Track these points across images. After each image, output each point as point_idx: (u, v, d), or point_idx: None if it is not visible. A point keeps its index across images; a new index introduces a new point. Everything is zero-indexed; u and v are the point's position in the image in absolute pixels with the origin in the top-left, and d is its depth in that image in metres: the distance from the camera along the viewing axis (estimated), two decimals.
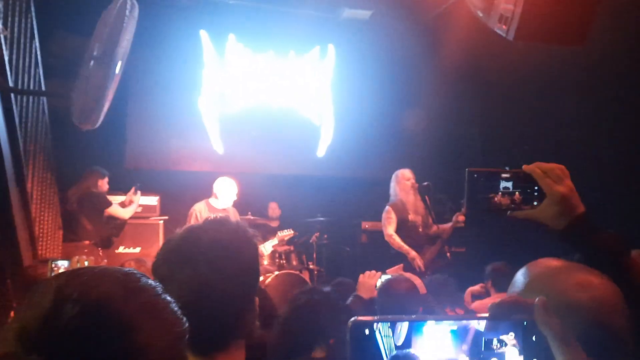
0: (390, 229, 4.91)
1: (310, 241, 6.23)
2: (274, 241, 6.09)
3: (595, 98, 5.49)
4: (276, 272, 5.70)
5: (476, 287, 4.23)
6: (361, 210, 6.71)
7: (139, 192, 5.84)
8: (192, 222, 5.25)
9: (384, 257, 5.32)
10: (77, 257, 1.81)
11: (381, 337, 0.77)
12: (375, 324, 0.75)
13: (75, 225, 5.43)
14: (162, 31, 6.68)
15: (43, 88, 4.44)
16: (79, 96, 3.10)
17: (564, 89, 5.93)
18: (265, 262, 5.94)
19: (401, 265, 3.94)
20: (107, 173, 5.72)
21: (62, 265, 1.81)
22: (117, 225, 5.82)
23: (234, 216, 5.40)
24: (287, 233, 5.89)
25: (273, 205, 6.54)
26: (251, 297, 1.20)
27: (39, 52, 4.26)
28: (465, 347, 0.80)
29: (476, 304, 4.00)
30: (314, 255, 6.14)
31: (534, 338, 0.79)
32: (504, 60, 6.23)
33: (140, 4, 3.54)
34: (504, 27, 4.07)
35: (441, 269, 4.76)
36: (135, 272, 0.79)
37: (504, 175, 1.08)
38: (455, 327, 0.79)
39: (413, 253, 4.77)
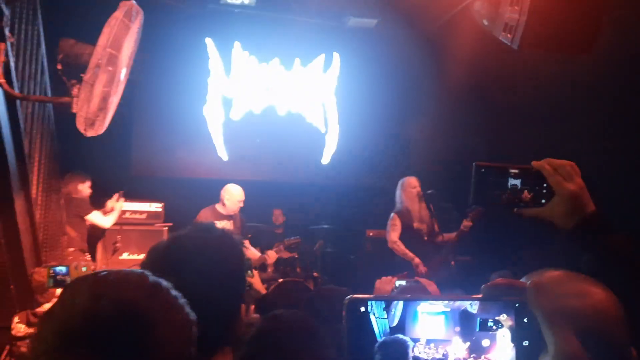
0: (394, 236, 4.90)
1: (315, 249, 6.21)
2: (279, 248, 6.09)
3: (602, 109, 5.46)
4: (280, 280, 5.69)
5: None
6: (365, 218, 6.69)
7: (121, 200, 5.62)
8: None
9: (388, 265, 5.29)
10: (75, 263, 1.81)
11: (376, 318, 0.77)
12: (370, 303, 0.76)
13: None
14: (169, 39, 6.72)
15: (49, 95, 4.46)
16: (83, 103, 3.11)
17: (570, 99, 5.90)
18: (269, 270, 5.94)
19: (405, 273, 3.91)
20: (87, 176, 5.52)
21: (61, 271, 1.80)
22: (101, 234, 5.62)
23: (238, 223, 5.41)
24: (293, 239, 5.84)
25: (277, 212, 6.53)
26: (238, 305, 1.20)
27: (45, 59, 4.29)
28: (458, 328, 0.80)
29: None
30: (318, 263, 6.11)
31: (525, 320, 0.79)
32: (510, 69, 6.23)
33: (147, 11, 3.56)
34: (509, 35, 4.07)
35: (446, 279, 4.73)
36: (148, 273, 0.89)
37: (512, 171, 1.04)
38: (448, 310, 0.80)
39: (417, 260, 4.76)
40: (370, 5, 6.85)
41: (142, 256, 6.01)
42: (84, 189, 5.49)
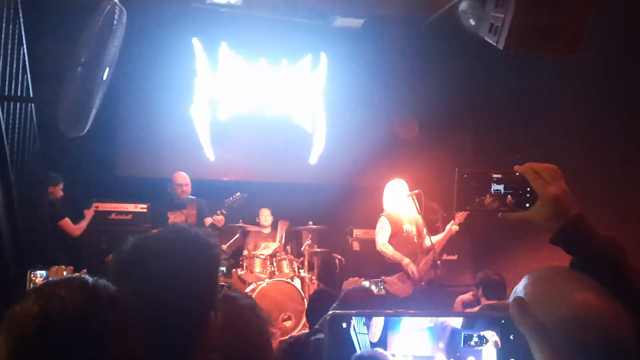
0: (382, 239, 4.87)
1: (302, 249, 6.19)
2: (266, 248, 6.07)
3: (586, 107, 5.51)
4: (267, 280, 5.67)
5: (466, 296, 4.21)
6: (353, 218, 6.69)
7: (92, 208, 5.66)
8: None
9: (375, 264, 5.30)
10: (55, 267, 1.78)
11: (356, 334, 0.76)
12: (352, 319, 0.74)
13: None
14: (155, 38, 6.67)
15: (31, 95, 4.40)
16: (65, 103, 3.06)
17: (555, 97, 5.96)
18: (257, 269, 5.91)
19: (358, 278, 3.83)
20: (60, 179, 5.46)
21: (41, 275, 1.78)
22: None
23: (193, 210, 5.42)
24: (232, 197, 5.68)
25: (265, 212, 6.49)
26: (205, 311, 1.13)
27: (27, 59, 4.23)
28: (442, 344, 0.78)
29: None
30: (306, 263, 6.10)
31: (511, 337, 0.77)
32: (496, 68, 6.27)
33: (133, 11, 3.53)
34: (494, 36, 4.09)
35: (434, 278, 4.74)
36: (88, 278, 0.97)
37: (495, 176, 1.04)
38: (432, 324, 0.78)
39: (406, 260, 4.73)
40: (356, 5, 6.85)
41: None
42: (57, 191, 5.44)
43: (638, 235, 4.68)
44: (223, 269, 5.38)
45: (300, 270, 6.04)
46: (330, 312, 0.76)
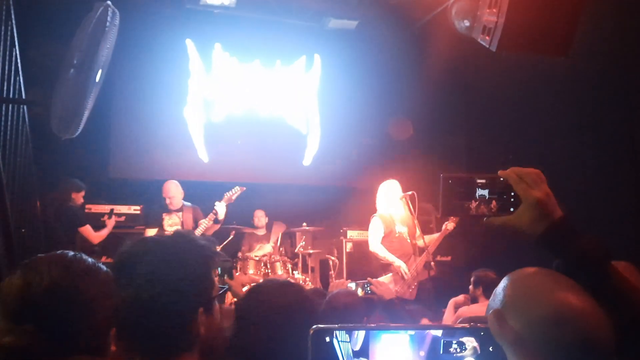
0: (374, 241, 4.86)
1: (296, 250, 6.20)
2: (260, 249, 6.06)
3: (579, 108, 5.54)
4: (261, 281, 5.65)
5: (460, 298, 4.21)
6: (347, 219, 6.70)
7: (113, 217, 5.74)
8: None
9: (369, 265, 5.30)
10: None
11: (338, 342, 0.77)
12: (335, 332, 0.75)
13: (49, 238, 5.27)
14: (148, 40, 6.66)
15: (23, 96, 4.37)
16: (57, 105, 3.05)
17: (548, 98, 5.99)
18: (251, 271, 5.91)
19: (344, 281, 3.86)
20: (84, 186, 5.55)
21: None
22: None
23: (189, 214, 5.45)
24: (234, 191, 5.66)
25: (259, 213, 6.48)
26: (194, 308, 1.19)
27: (19, 60, 4.20)
28: (422, 352, 0.79)
29: (464, 309, 3.99)
30: (299, 264, 6.10)
31: (490, 348, 0.78)
32: (490, 70, 6.30)
33: (127, 12, 3.51)
34: (487, 37, 4.11)
35: (427, 279, 4.75)
36: (83, 256, 1.14)
37: (479, 181, 1.05)
38: (413, 333, 0.79)
39: (398, 262, 4.74)
40: (350, 7, 6.87)
41: None
42: (78, 198, 5.50)
43: (631, 235, 4.72)
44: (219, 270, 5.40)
45: (294, 272, 6.04)
46: (314, 327, 0.77)
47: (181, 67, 7.07)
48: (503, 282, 0.95)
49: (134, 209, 6.12)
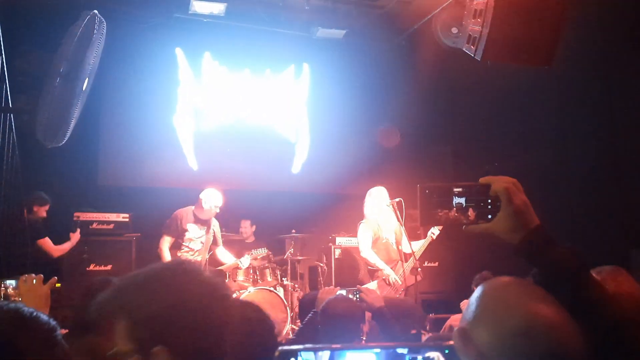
0: (365, 246, 4.91)
1: (285, 257, 6.20)
2: (248, 257, 6.06)
3: (562, 117, 5.62)
4: (250, 289, 5.66)
5: (457, 318, 4.23)
6: (335, 226, 6.72)
7: (77, 231, 5.66)
8: (172, 226, 5.27)
9: (357, 272, 5.32)
10: (25, 275, 1.77)
11: None
12: (300, 353, 0.77)
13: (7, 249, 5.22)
14: (138, 48, 6.67)
15: (10, 105, 4.37)
16: (44, 113, 3.06)
17: (533, 107, 6.07)
18: (240, 277, 5.90)
19: (333, 287, 3.84)
20: (48, 200, 5.49)
21: (10, 284, 1.78)
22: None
23: (210, 229, 5.39)
24: (261, 252, 5.84)
25: (245, 223, 6.53)
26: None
27: (5, 69, 4.20)
28: None
29: (455, 317, 4.00)
30: (289, 271, 6.11)
31: None
32: (476, 78, 6.37)
33: (117, 21, 3.54)
34: (472, 47, 4.18)
35: (415, 285, 4.78)
36: (21, 306, 1.20)
37: (456, 190, 1.06)
38: (378, 350, 0.80)
39: (388, 269, 4.79)
40: (338, 17, 6.93)
41: (109, 267, 5.92)
42: (40, 211, 5.43)
43: (614, 243, 4.78)
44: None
45: (283, 279, 6.05)
46: (280, 348, 0.79)
47: (170, 76, 7.08)
48: (476, 292, 0.95)
49: (123, 217, 6.10)
